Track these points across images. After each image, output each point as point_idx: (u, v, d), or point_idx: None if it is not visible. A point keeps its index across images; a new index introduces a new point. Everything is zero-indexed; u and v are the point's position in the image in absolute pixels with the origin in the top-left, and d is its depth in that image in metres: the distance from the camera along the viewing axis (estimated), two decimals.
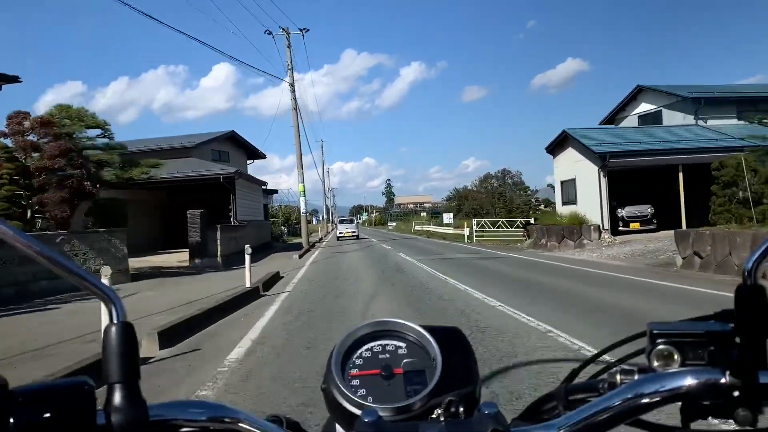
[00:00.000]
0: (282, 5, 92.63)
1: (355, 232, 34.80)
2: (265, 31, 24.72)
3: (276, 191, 39.32)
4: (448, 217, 49.79)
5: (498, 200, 44.74)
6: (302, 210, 26.80)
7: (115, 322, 0.44)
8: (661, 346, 0.49)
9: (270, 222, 36.98)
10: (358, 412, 0.53)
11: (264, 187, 30.57)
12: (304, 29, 25.68)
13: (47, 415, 0.39)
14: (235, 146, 29.80)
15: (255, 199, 27.24)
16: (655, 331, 0.49)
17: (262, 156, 32.27)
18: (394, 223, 71.40)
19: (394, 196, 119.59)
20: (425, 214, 73.35)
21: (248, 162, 31.70)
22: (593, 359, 0.63)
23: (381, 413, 0.50)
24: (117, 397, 0.42)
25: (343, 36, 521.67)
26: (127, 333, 0.44)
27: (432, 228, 42.32)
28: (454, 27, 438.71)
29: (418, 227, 48.87)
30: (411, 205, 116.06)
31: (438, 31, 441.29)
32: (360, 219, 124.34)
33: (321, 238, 40.57)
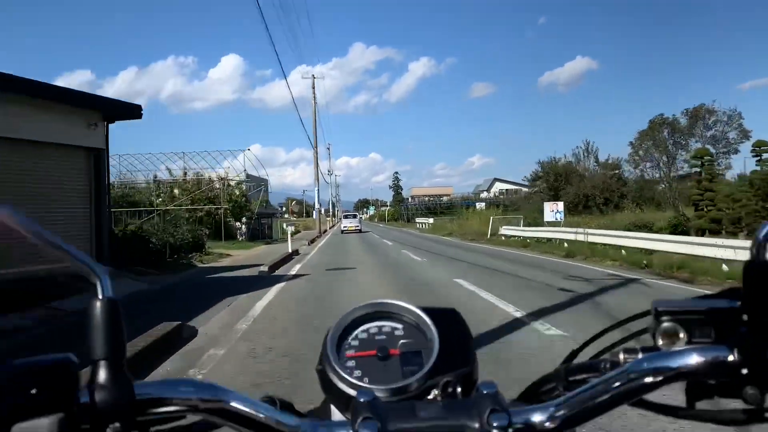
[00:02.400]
0: None
1: (358, 226, 36.30)
2: None
3: (139, 108, 12.77)
4: (554, 213, 24.97)
5: (704, 171, 18.35)
6: None
7: (101, 297, 0.42)
8: (665, 324, 0.46)
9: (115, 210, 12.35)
10: (353, 392, 0.51)
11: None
12: None
13: (28, 392, 0.38)
14: None
15: None
16: (659, 309, 0.47)
17: None
18: (430, 220, 45.54)
19: (401, 189, 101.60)
20: (482, 206, 47.95)
21: None
22: (594, 339, 0.60)
23: (377, 394, 0.49)
24: (102, 375, 0.40)
25: (352, 29, 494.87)
26: (113, 309, 0.42)
27: (604, 236, 17.44)
28: (464, 23, 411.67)
29: (509, 230, 24.03)
30: (428, 198, 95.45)
31: (449, 27, 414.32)
32: (366, 213, 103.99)
33: (296, 251, 15.68)
